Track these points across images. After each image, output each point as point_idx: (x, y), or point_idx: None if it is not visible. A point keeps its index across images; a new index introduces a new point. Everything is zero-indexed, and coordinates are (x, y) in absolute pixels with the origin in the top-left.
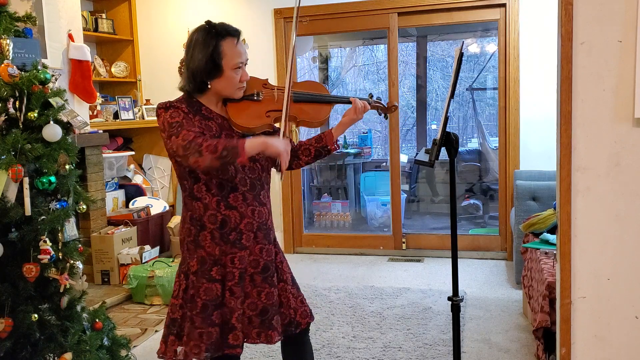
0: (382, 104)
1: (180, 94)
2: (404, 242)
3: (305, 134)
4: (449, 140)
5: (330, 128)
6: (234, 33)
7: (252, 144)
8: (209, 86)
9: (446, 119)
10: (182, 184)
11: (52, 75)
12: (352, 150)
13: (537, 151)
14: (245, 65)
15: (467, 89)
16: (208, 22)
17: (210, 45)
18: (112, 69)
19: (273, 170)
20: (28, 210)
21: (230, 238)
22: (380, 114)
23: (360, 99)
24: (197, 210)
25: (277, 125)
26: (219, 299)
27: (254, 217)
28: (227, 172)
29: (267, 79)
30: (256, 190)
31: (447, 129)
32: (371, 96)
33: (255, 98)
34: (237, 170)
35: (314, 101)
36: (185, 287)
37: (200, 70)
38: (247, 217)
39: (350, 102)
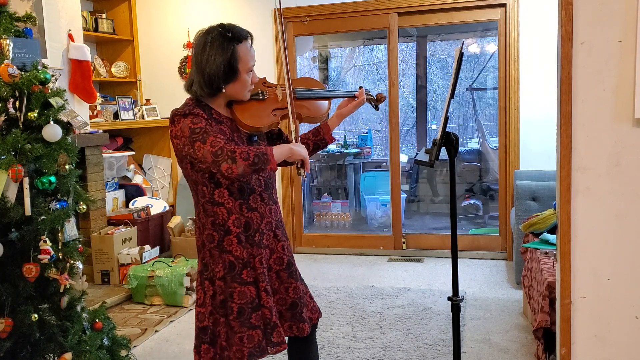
0: (372, 96)
1: (182, 93)
2: (404, 242)
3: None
4: (449, 140)
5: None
6: (247, 36)
7: (280, 151)
8: (223, 90)
9: (446, 119)
10: (199, 190)
11: (52, 75)
12: (352, 150)
13: (537, 151)
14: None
15: (467, 89)
16: (221, 26)
17: (228, 50)
18: (112, 69)
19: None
20: (28, 210)
21: (255, 240)
22: (372, 106)
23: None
24: (220, 216)
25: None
26: (255, 301)
27: (271, 216)
28: (252, 180)
29: (265, 77)
30: (269, 189)
31: (447, 129)
32: (361, 88)
33: (260, 97)
34: None
35: (315, 97)
36: (213, 293)
37: (217, 76)
38: (267, 217)
39: (355, 97)
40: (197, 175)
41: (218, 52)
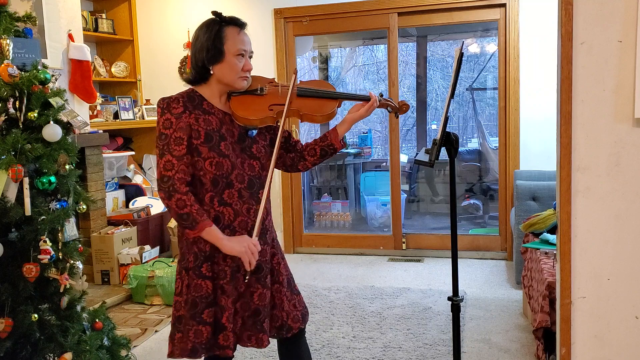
0: (393, 103)
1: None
2: (404, 242)
3: (307, 134)
4: (449, 140)
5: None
6: (238, 22)
7: (212, 232)
8: (211, 71)
9: (446, 119)
10: None
11: (52, 75)
12: (352, 150)
13: (537, 151)
14: (249, 56)
15: (467, 89)
16: (214, 12)
17: (213, 29)
18: (112, 69)
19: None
20: (28, 210)
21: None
22: (390, 112)
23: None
24: None
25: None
26: (210, 297)
27: (249, 215)
28: (231, 174)
29: (274, 78)
30: (254, 188)
31: (447, 129)
32: (381, 95)
33: (258, 92)
34: (234, 166)
35: (319, 96)
36: (188, 283)
37: (202, 55)
38: (242, 216)
39: (368, 99)
40: None
41: (205, 34)
